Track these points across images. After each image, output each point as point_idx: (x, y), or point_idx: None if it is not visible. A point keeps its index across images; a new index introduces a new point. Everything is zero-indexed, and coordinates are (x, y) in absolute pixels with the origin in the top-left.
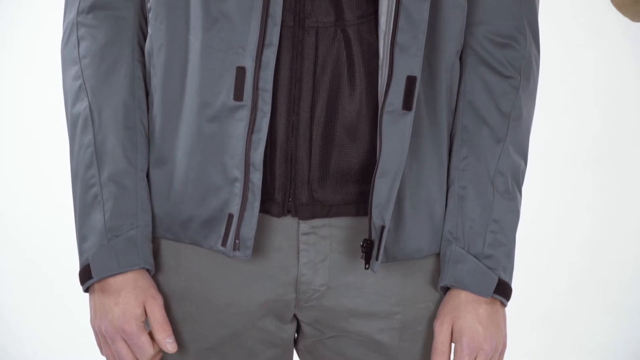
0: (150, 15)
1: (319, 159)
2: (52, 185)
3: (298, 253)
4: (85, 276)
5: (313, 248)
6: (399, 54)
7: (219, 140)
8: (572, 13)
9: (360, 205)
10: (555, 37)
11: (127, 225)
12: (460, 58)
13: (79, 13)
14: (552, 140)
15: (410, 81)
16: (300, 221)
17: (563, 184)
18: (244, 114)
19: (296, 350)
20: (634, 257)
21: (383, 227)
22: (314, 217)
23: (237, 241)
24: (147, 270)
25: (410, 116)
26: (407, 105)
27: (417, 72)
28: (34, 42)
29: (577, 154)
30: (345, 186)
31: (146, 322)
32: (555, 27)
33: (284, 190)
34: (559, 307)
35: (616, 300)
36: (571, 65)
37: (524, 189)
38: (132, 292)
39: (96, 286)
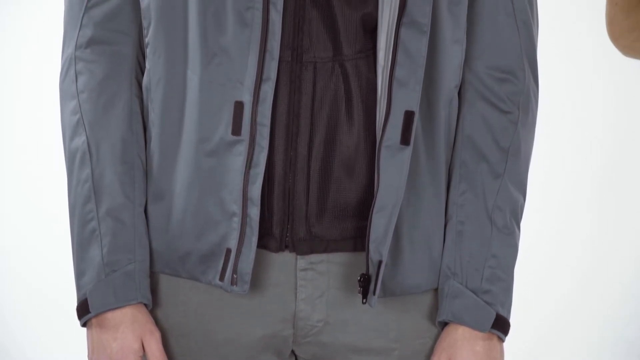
0: (148, 50)
1: (317, 194)
2: (53, 185)
3: (296, 289)
4: (83, 311)
5: (311, 284)
6: (397, 89)
7: (217, 175)
8: (577, 46)
9: (358, 240)
10: (561, 70)
11: (125, 260)
12: (459, 93)
13: (77, 48)
14: (552, 173)
15: (409, 116)
16: (298, 256)
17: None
18: (242, 148)
19: None
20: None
21: (380, 262)
22: (311, 252)
23: (234, 276)
24: (145, 305)
25: (408, 151)
26: (405, 140)
27: (415, 106)
28: (28, 42)
29: (578, 186)
30: (342, 221)
31: (144, 357)
32: (561, 58)
33: (281, 225)
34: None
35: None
36: (574, 98)
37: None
38: (129, 327)
39: (94, 321)
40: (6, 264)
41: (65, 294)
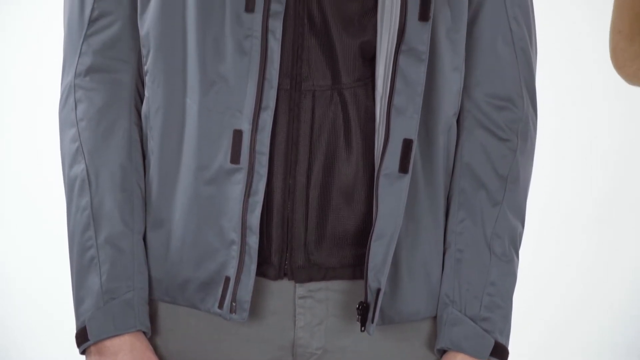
0: (147, 78)
1: (316, 222)
2: (53, 185)
3: (294, 316)
4: (82, 338)
5: (309, 311)
6: (396, 117)
7: (216, 203)
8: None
9: (357, 268)
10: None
11: (124, 287)
12: (458, 120)
13: (76, 75)
14: (551, 201)
15: (407, 144)
16: (297, 284)
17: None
18: (241, 177)
19: None
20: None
21: (379, 290)
22: (310, 280)
23: (233, 304)
24: (144, 332)
25: (406, 179)
26: (403, 168)
27: (413, 134)
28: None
29: (577, 215)
30: (341, 249)
31: None
32: (556, 90)
33: (280, 253)
34: None
35: None
36: (572, 125)
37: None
38: (128, 354)
39: (93, 349)
40: (6, 265)
41: (66, 295)
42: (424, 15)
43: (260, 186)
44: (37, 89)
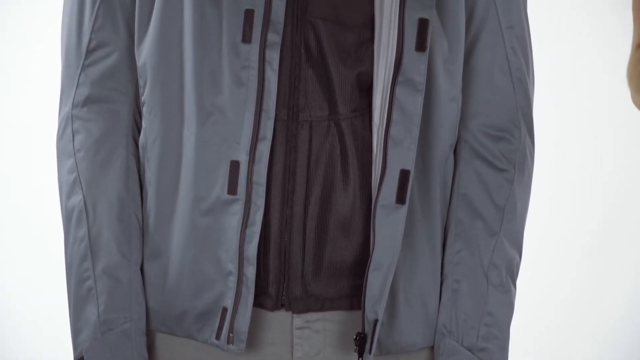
0: (144, 109)
1: (313, 253)
2: (48, 185)
3: (292, 347)
4: None
5: (307, 342)
6: (393, 148)
7: (213, 234)
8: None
9: (354, 298)
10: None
11: (121, 318)
12: (455, 150)
13: (74, 106)
14: (556, 205)
15: (404, 175)
16: (294, 315)
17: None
18: (238, 207)
19: None
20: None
21: (376, 321)
22: (307, 311)
23: (230, 335)
24: None
25: (403, 210)
26: (400, 198)
27: (410, 165)
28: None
29: (587, 185)
30: (338, 280)
31: None
32: (557, 89)
33: (277, 284)
34: None
35: None
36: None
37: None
38: None
39: None
40: (4, 266)
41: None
42: (420, 46)
43: (257, 217)
44: (37, 91)
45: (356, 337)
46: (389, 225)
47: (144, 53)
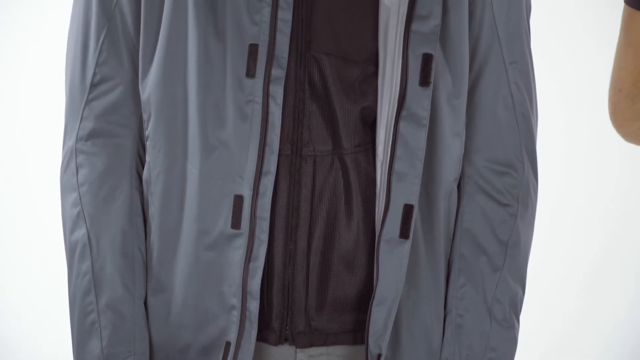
0: (148, 143)
1: (316, 288)
2: (45, 186)
3: None
4: None
5: None
6: (396, 183)
7: (216, 268)
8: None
9: (358, 333)
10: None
11: (125, 352)
12: (458, 185)
13: (77, 140)
14: (562, 198)
15: (408, 209)
16: (298, 349)
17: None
18: (242, 242)
19: None
20: None
21: (380, 355)
22: (311, 345)
23: None
24: None
25: (407, 244)
26: (404, 233)
27: (414, 200)
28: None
29: (594, 189)
30: (342, 314)
31: None
32: (561, 89)
33: (281, 319)
34: None
35: None
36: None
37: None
38: None
39: None
40: (4, 268)
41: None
42: (424, 81)
43: (260, 251)
44: (36, 91)
45: None
46: (392, 260)
47: (148, 87)
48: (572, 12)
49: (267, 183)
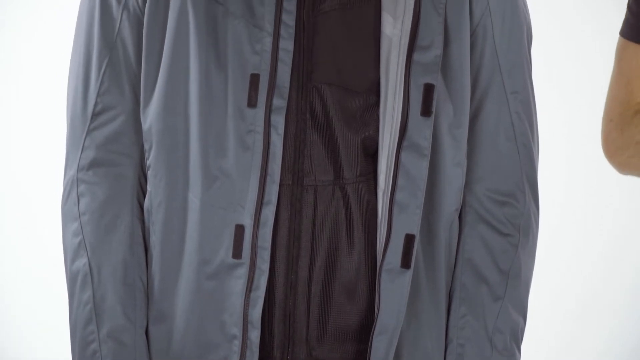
0: (149, 173)
1: (318, 318)
2: (42, 187)
3: None
4: None
5: None
6: (398, 212)
7: (217, 298)
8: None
9: None
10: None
11: None
12: (460, 215)
13: (79, 169)
14: (567, 198)
15: (409, 239)
16: None
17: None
18: (243, 271)
19: None
20: None
21: None
22: None
23: None
24: None
25: (408, 274)
26: (405, 263)
27: (415, 230)
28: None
29: (597, 182)
30: (343, 344)
31: None
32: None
33: (282, 348)
34: None
35: None
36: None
37: None
38: None
39: None
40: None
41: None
42: (426, 111)
43: (262, 281)
44: (36, 93)
45: None
46: (394, 289)
47: (150, 117)
48: (572, 12)
49: (268, 213)
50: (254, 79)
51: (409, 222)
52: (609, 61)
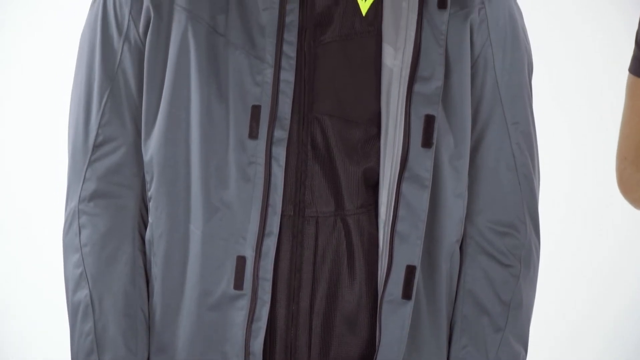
0: (150, 204)
1: (319, 349)
2: (49, 188)
3: None
4: None
5: None
6: (399, 244)
7: (219, 329)
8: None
9: None
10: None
11: None
12: (460, 246)
13: (80, 201)
14: (570, 200)
15: (410, 270)
16: None
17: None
18: (244, 303)
19: None
20: None
21: None
22: None
23: None
24: None
25: (409, 305)
26: (406, 294)
27: (416, 261)
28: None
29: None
30: None
31: None
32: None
33: None
34: None
35: None
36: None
37: None
38: None
39: None
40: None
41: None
42: (427, 142)
43: (263, 312)
44: (35, 93)
45: None
46: (395, 320)
47: (151, 148)
48: (572, 12)
49: (270, 244)
50: (255, 111)
51: (410, 253)
52: (609, 61)
